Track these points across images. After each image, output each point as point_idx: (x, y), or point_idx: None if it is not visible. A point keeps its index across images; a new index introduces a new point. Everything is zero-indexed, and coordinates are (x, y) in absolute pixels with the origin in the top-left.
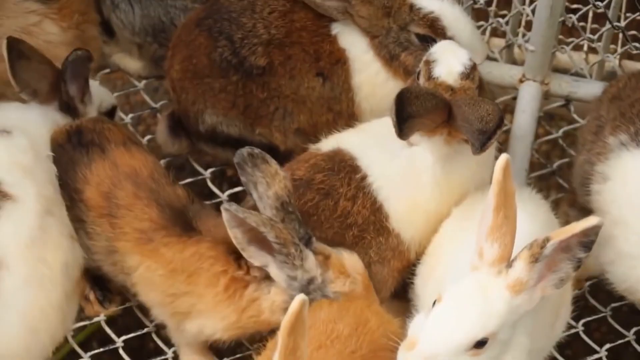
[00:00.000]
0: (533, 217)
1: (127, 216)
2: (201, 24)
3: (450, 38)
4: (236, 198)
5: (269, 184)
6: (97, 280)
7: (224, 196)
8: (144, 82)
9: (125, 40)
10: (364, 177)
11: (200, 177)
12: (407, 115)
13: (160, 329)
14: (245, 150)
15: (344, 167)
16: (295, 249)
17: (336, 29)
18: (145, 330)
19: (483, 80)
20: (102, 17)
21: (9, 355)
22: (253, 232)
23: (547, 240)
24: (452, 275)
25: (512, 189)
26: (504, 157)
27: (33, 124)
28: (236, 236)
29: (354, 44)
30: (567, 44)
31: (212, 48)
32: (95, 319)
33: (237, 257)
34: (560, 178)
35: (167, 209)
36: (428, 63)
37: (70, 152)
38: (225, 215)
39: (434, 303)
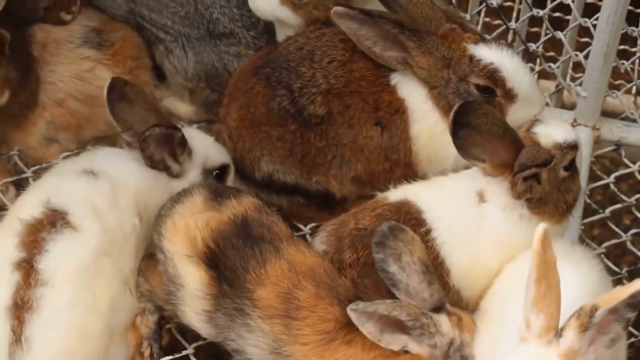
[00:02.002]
0: (586, 279)
1: (309, 318)
2: (258, 72)
3: (509, 89)
4: None
5: (412, 251)
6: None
7: None
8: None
9: (177, 85)
10: (428, 231)
11: None
12: (466, 123)
13: None
14: (385, 226)
15: (410, 219)
16: (426, 317)
17: (395, 79)
18: None
19: (578, 170)
20: (154, 62)
21: None
22: (382, 319)
23: (595, 308)
24: (506, 338)
25: (553, 259)
26: (541, 227)
27: (125, 176)
28: (369, 331)
29: (413, 94)
30: (615, 86)
31: (270, 97)
32: None
33: None
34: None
35: (347, 304)
36: (535, 120)
37: (240, 249)
38: (353, 316)
39: None
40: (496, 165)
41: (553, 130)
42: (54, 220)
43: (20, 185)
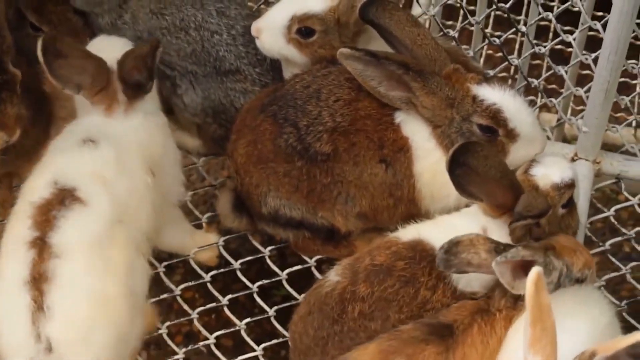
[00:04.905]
0: (596, 324)
1: None
2: (266, 109)
3: (511, 129)
4: (298, 276)
5: (477, 252)
6: None
7: (283, 274)
8: (202, 159)
9: (184, 120)
10: None
11: (260, 255)
12: (463, 162)
13: None
14: (440, 255)
15: (425, 256)
16: (547, 256)
17: (399, 117)
18: None
19: (575, 204)
20: (162, 96)
21: (68, 341)
22: (515, 267)
23: (593, 354)
24: None
25: (547, 302)
26: (534, 270)
27: (119, 134)
28: (508, 280)
29: (417, 133)
30: (615, 118)
31: (277, 134)
32: None
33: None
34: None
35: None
36: (533, 161)
37: None
38: (497, 268)
39: None
40: (493, 206)
41: (550, 171)
42: (63, 198)
43: None
